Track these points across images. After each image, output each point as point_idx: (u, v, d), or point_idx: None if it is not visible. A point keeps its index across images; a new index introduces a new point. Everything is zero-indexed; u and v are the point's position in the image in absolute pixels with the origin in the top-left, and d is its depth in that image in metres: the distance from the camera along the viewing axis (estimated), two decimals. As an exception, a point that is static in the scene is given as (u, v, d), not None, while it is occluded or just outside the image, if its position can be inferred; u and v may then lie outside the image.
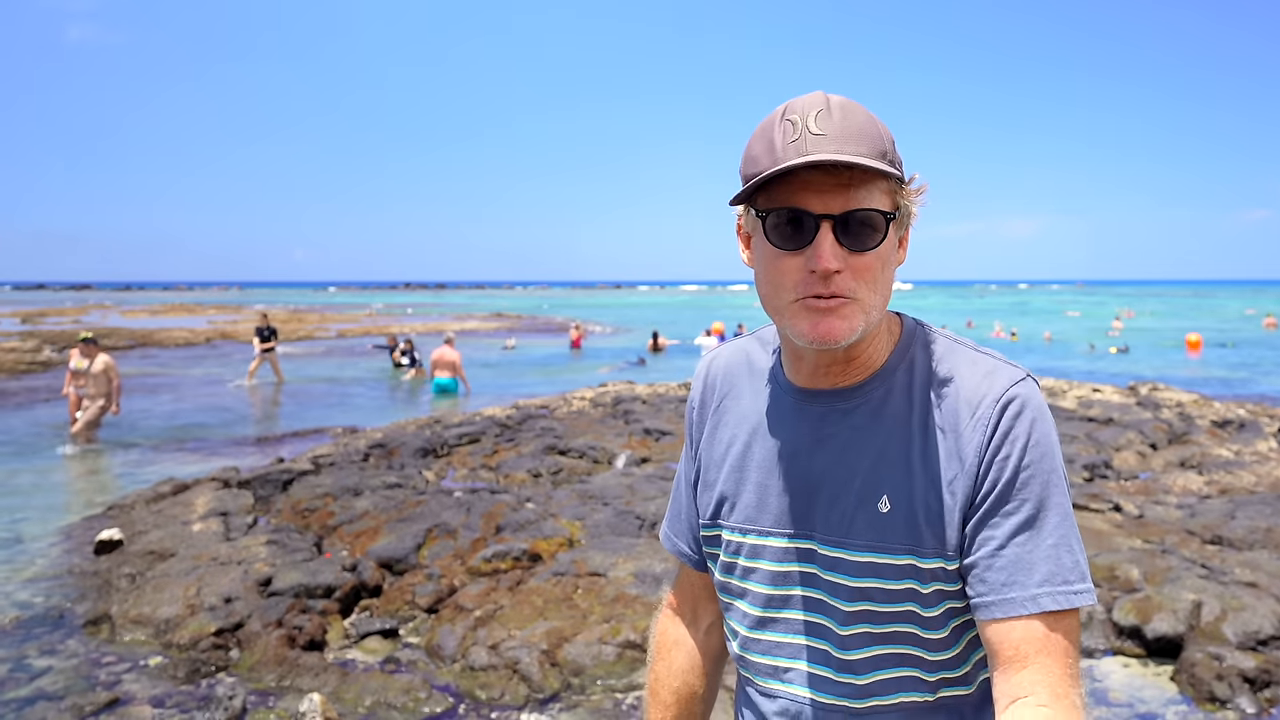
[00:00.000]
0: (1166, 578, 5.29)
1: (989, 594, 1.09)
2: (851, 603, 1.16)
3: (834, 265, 1.06)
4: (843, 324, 1.08)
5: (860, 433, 1.17)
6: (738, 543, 1.27)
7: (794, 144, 1.05)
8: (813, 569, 1.20)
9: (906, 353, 1.20)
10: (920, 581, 1.13)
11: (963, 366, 1.16)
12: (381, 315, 58.98)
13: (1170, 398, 13.06)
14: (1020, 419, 1.10)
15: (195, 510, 7.49)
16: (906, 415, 1.16)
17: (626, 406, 12.79)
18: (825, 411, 1.20)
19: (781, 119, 1.08)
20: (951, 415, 1.13)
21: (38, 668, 4.84)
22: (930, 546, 1.12)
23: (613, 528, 6.56)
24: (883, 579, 1.14)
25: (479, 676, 4.57)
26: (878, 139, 1.07)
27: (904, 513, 1.13)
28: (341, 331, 40.23)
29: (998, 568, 1.08)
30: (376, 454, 9.81)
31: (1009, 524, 1.09)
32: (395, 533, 6.50)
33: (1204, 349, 29.10)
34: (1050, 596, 1.07)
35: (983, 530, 1.10)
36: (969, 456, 1.11)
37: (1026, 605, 1.06)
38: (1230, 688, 4.26)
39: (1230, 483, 8.21)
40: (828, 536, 1.18)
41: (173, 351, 29.34)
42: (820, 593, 1.19)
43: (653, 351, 28.59)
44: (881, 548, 1.14)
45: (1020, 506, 1.09)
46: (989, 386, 1.13)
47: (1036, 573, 1.07)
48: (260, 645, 4.90)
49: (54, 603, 5.81)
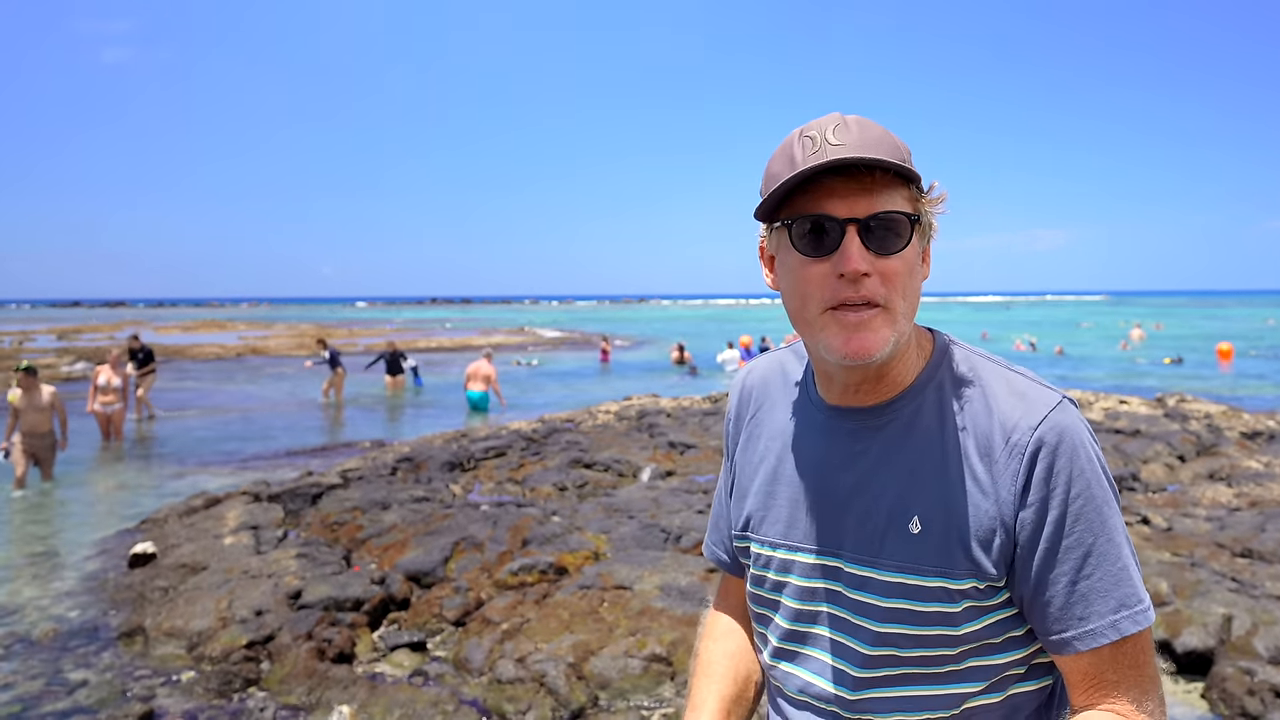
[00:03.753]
0: (1196, 591, 5.24)
1: (1068, 629, 1.10)
2: (880, 623, 1.16)
3: (862, 267, 1.07)
4: (874, 337, 1.09)
5: (890, 451, 1.17)
6: (767, 556, 1.28)
7: (814, 155, 1.07)
8: (839, 587, 1.20)
9: (938, 370, 1.20)
10: (950, 603, 1.13)
11: (996, 386, 1.16)
12: (410, 330, 59.35)
13: (1198, 409, 12.90)
14: (1060, 452, 1.10)
15: (226, 524, 7.59)
16: (938, 434, 1.16)
17: (651, 420, 12.81)
18: (856, 429, 1.20)
19: (800, 137, 1.10)
20: (985, 438, 1.13)
21: (74, 681, 4.94)
22: (963, 569, 1.12)
23: (638, 541, 6.58)
24: (912, 600, 1.14)
25: (506, 690, 4.60)
26: (895, 149, 1.09)
27: (936, 535, 1.13)
28: (368, 346, 40.57)
29: (1072, 603, 1.10)
30: (404, 467, 9.89)
31: (1073, 558, 1.10)
32: (423, 546, 6.56)
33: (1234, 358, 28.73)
34: (1129, 620, 1.10)
35: (1049, 570, 1.11)
36: (1004, 484, 1.11)
37: (1107, 634, 1.09)
38: (1262, 703, 4.21)
39: (1260, 495, 8.10)
40: (856, 555, 1.18)
41: (204, 366, 29.72)
42: (846, 611, 1.20)
43: (677, 364, 28.63)
44: (912, 569, 1.14)
45: (1081, 540, 1.10)
46: (1024, 412, 1.12)
47: (1110, 600, 1.10)
48: (290, 658, 4.97)
49: (89, 615, 5.92)
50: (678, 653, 4.76)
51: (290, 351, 35.64)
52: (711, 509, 1.48)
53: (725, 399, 15.02)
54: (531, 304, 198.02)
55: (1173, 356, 28.38)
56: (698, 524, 6.96)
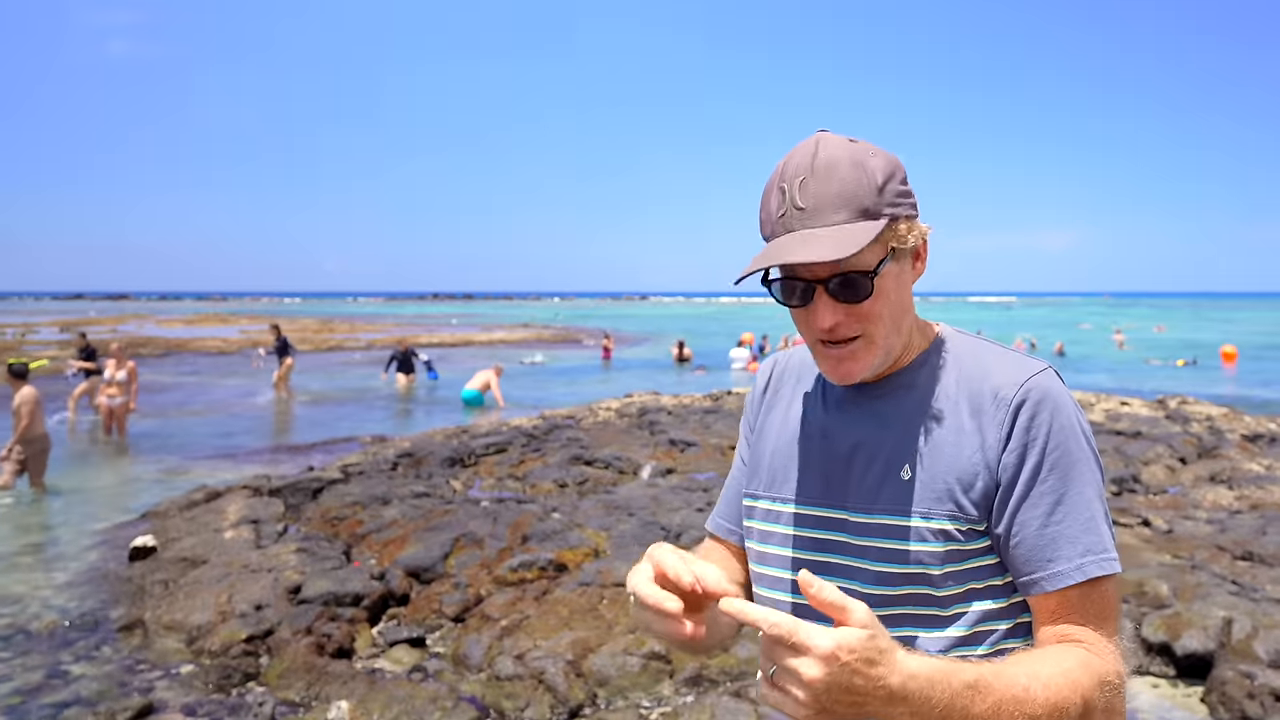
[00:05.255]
0: (1196, 594, 5.23)
1: (1036, 570, 1.19)
2: (875, 563, 1.25)
3: (829, 323, 1.20)
4: (857, 365, 1.24)
5: (890, 412, 1.29)
6: (777, 511, 1.37)
7: (781, 220, 1.19)
8: (844, 537, 1.29)
9: (937, 350, 1.32)
10: (934, 542, 1.21)
11: (989, 358, 1.28)
12: (414, 325, 59.35)
13: (1200, 411, 12.89)
14: (1043, 405, 1.21)
15: (227, 518, 7.60)
16: (932, 397, 1.27)
17: (652, 417, 12.81)
18: (860, 400, 1.33)
19: (776, 185, 1.22)
20: (976, 397, 1.24)
21: (74, 674, 4.94)
22: (945, 510, 1.21)
23: (638, 538, 6.58)
24: (900, 540, 1.23)
25: (505, 686, 4.60)
26: (858, 197, 1.18)
27: (924, 479, 1.23)
28: (370, 342, 40.56)
29: (1042, 545, 1.18)
30: (405, 463, 9.90)
31: (1045, 503, 1.19)
32: (423, 542, 6.56)
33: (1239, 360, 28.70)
34: (1095, 564, 1.17)
35: (1021, 512, 1.19)
36: (991, 435, 1.21)
37: (1073, 575, 1.17)
38: (1263, 707, 4.21)
39: (1261, 498, 8.09)
40: (859, 504, 1.28)
41: (206, 360, 29.73)
42: (850, 559, 1.28)
43: (678, 362, 28.61)
44: (900, 510, 1.24)
45: (1054, 488, 1.19)
46: (1012, 374, 1.24)
47: (1079, 544, 1.18)
48: (290, 653, 4.97)
49: (89, 608, 5.92)
50: (676, 651, 4.75)
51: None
52: (725, 486, 1.56)
53: (726, 397, 15.05)
54: (534, 300, 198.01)
55: (1186, 359, 28.45)
56: (697, 522, 6.96)
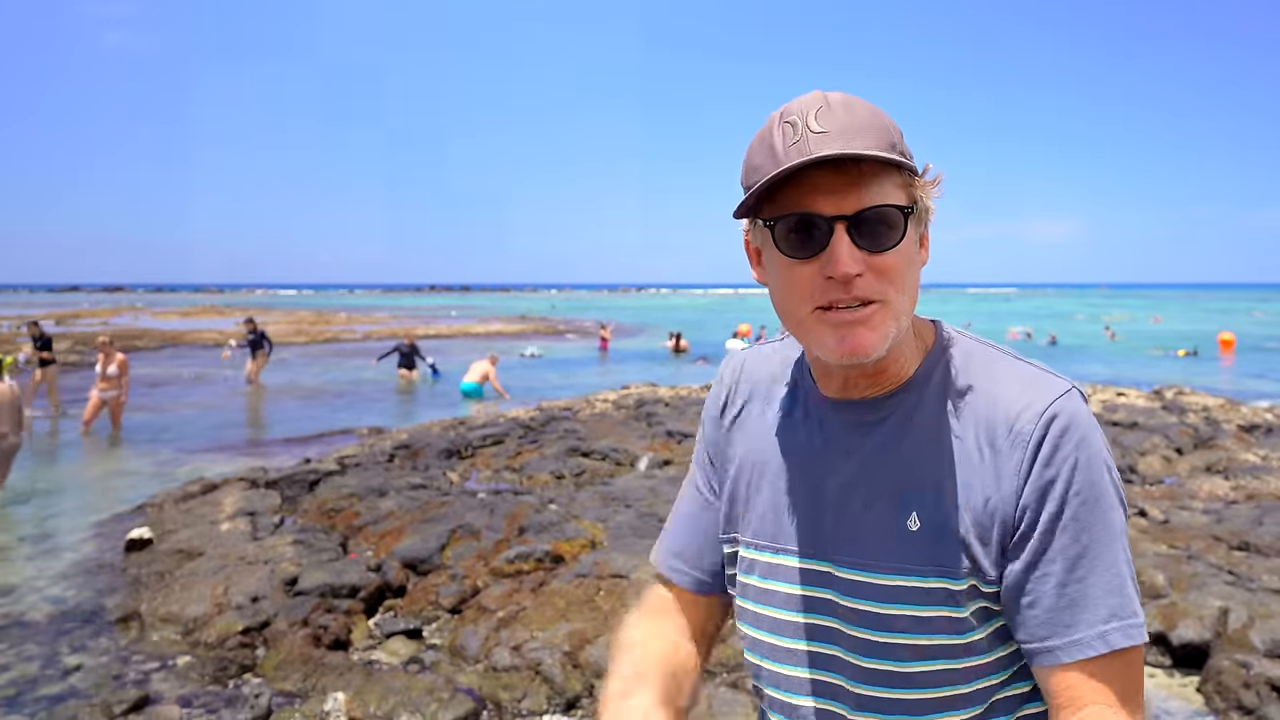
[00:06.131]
0: (1192, 584, 5.24)
1: (1052, 637, 1.01)
2: (876, 632, 1.06)
3: (854, 269, 0.97)
4: (872, 334, 0.99)
5: (888, 446, 1.08)
6: (751, 560, 1.18)
7: (795, 145, 0.96)
8: (829, 594, 1.10)
9: (940, 360, 1.10)
10: (956, 606, 1.03)
11: (1000, 374, 1.07)
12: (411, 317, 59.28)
13: (1196, 402, 12.91)
14: (1065, 439, 1.01)
15: (223, 510, 7.59)
16: (938, 427, 1.06)
17: (649, 409, 12.80)
18: (852, 423, 1.11)
19: (780, 122, 0.99)
20: (988, 429, 1.04)
21: (69, 665, 4.93)
22: (965, 568, 1.03)
23: (635, 530, 6.58)
24: (913, 605, 1.04)
25: (502, 678, 4.60)
26: (884, 131, 0.98)
27: (934, 532, 1.04)
28: (367, 334, 40.52)
29: (1060, 608, 1.00)
30: (401, 455, 9.89)
31: (1065, 559, 1.00)
32: (419, 533, 6.56)
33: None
34: (1121, 632, 0.99)
35: (1038, 568, 1.01)
36: (1007, 476, 1.02)
37: (1096, 645, 0.99)
38: (1258, 697, 4.21)
39: (1258, 488, 8.10)
40: (848, 558, 1.09)
41: (202, 352, 29.68)
42: (837, 621, 1.10)
43: (674, 354, 28.59)
44: (910, 570, 1.05)
45: (1076, 539, 1.00)
46: (1029, 399, 1.03)
47: (1102, 608, 0.99)
48: (286, 644, 4.96)
49: (85, 600, 5.91)
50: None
51: (288, 339, 35.60)
52: (675, 514, 1.31)
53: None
54: (531, 292, 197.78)
55: (1188, 349, 28.57)
56: (695, 513, 6.96)
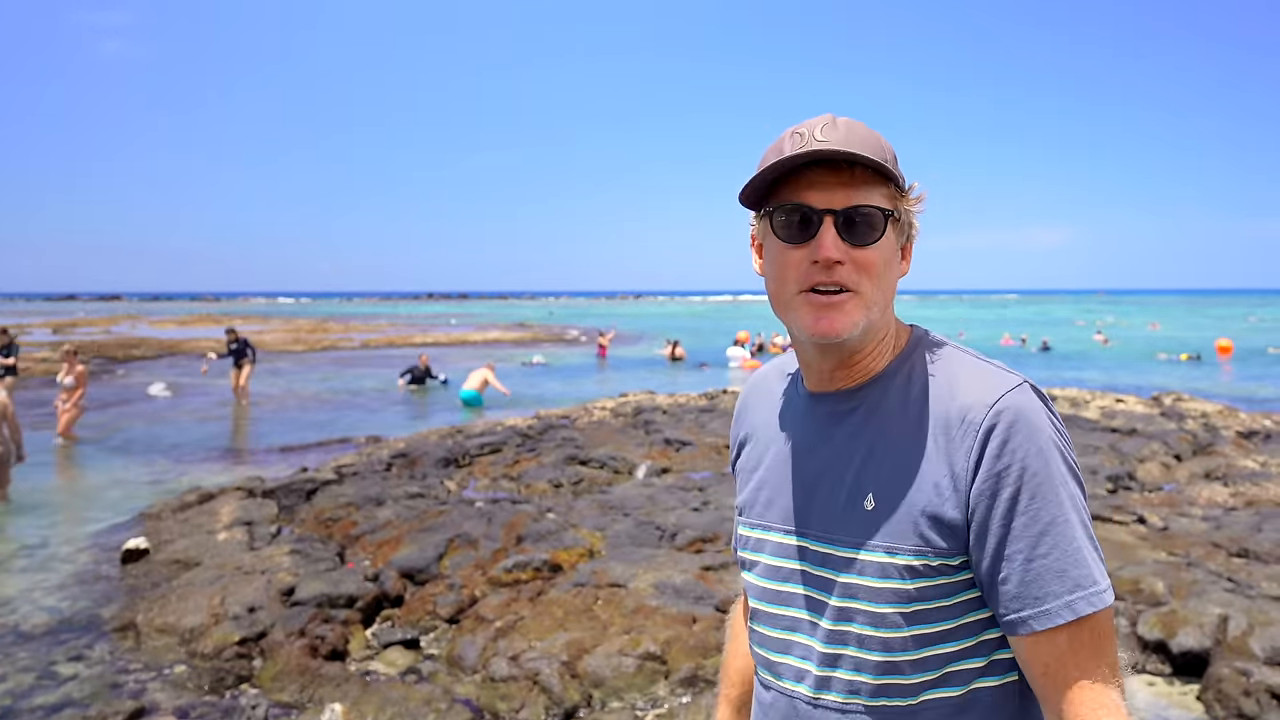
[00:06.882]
0: (1192, 591, 5.23)
1: (1023, 609, 1.10)
2: (838, 598, 1.19)
3: (835, 255, 1.14)
4: (844, 318, 1.15)
5: (855, 432, 1.22)
6: (746, 536, 1.35)
7: (801, 150, 1.15)
8: (804, 565, 1.24)
9: (909, 358, 1.24)
10: (902, 579, 1.14)
11: (959, 371, 1.19)
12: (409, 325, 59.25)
13: (1195, 408, 12.91)
14: (1015, 429, 1.11)
15: (220, 519, 7.56)
16: (899, 415, 1.19)
17: (647, 417, 12.79)
18: (829, 413, 1.26)
19: (790, 134, 1.18)
20: (942, 418, 1.16)
21: (65, 675, 4.91)
22: (911, 545, 1.14)
23: (633, 538, 6.56)
24: (866, 576, 1.17)
25: (499, 688, 4.58)
26: (881, 150, 1.16)
27: (887, 511, 1.16)
28: (364, 342, 40.47)
29: (1028, 582, 1.10)
30: (399, 464, 9.87)
31: (1027, 537, 1.10)
32: (417, 543, 6.54)
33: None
34: (1085, 600, 1.09)
35: (1004, 547, 1.11)
36: (959, 461, 1.13)
37: (1062, 614, 1.08)
38: (1259, 704, 4.20)
39: (1257, 494, 8.10)
40: (819, 533, 1.23)
41: (199, 361, 29.60)
42: (810, 589, 1.23)
43: (671, 361, 28.59)
44: (863, 544, 1.17)
45: (1035, 520, 1.10)
46: (982, 392, 1.14)
47: (1066, 580, 1.09)
48: (283, 655, 4.94)
49: (81, 610, 5.89)
50: (672, 651, 4.74)
51: (286, 347, 35.56)
52: None
53: (722, 396, 15.04)
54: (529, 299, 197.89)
55: (1190, 354, 28.65)
56: (693, 521, 6.94)
